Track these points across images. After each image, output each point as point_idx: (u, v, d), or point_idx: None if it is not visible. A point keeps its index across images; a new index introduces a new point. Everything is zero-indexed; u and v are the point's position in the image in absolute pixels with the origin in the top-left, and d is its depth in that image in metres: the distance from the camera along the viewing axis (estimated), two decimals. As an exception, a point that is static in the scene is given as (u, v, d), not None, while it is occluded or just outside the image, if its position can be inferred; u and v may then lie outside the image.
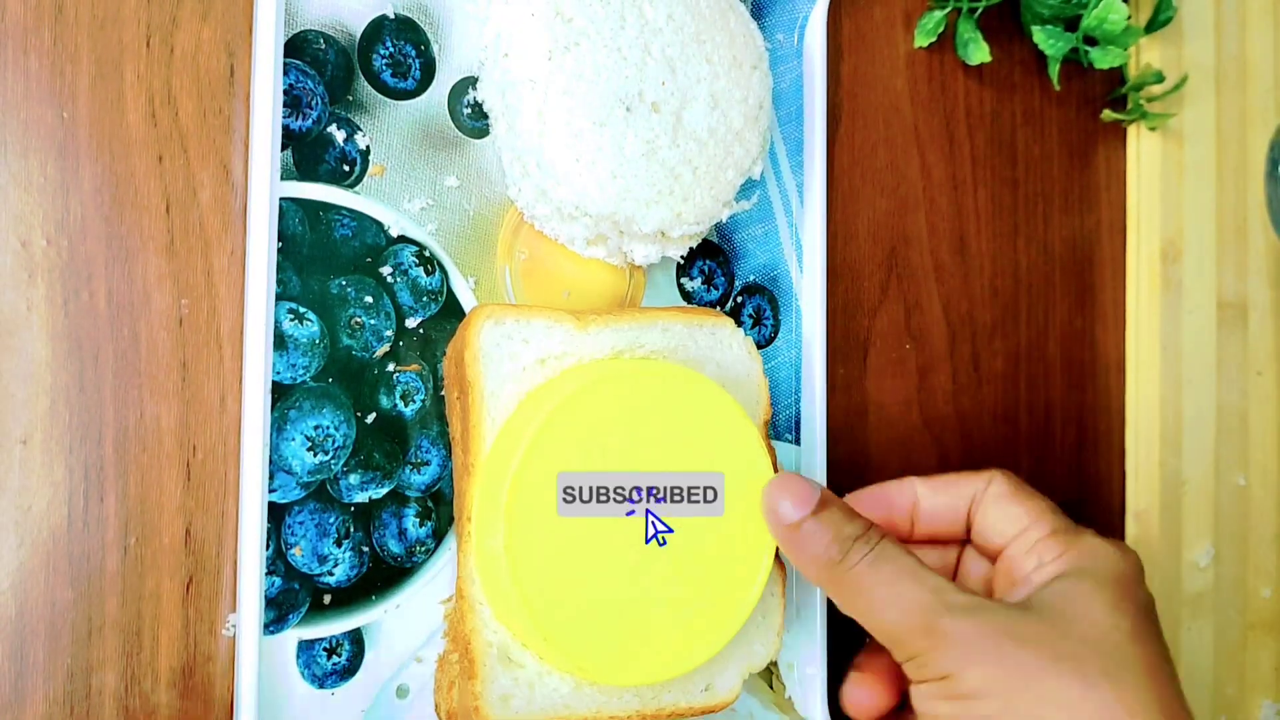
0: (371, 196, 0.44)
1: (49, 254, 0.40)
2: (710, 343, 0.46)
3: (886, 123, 0.57)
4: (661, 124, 0.45)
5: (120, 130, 0.41)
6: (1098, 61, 0.59)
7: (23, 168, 0.40)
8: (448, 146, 0.46)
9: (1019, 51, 0.61)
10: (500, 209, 0.47)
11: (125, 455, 0.41)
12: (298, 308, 0.43)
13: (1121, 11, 0.57)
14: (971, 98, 0.60)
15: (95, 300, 0.41)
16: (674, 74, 0.45)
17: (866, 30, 0.56)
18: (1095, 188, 0.64)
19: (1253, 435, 0.67)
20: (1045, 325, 0.61)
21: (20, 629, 0.40)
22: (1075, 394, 0.62)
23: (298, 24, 0.43)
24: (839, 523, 0.42)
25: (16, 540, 0.40)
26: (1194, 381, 0.64)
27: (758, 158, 0.48)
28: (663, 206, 0.45)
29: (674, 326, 0.45)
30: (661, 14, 0.45)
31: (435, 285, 0.45)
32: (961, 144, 0.59)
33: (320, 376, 0.43)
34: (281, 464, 0.42)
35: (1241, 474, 0.66)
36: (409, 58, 0.45)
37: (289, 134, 0.43)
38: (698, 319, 0.46)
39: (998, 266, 0.60)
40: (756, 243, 0.52)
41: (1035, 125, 0.62)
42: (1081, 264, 0.63)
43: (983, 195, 0.60)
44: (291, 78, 0.43)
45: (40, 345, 0.40)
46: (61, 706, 0.40)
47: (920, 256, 0.58)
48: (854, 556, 0.41)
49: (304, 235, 0.43)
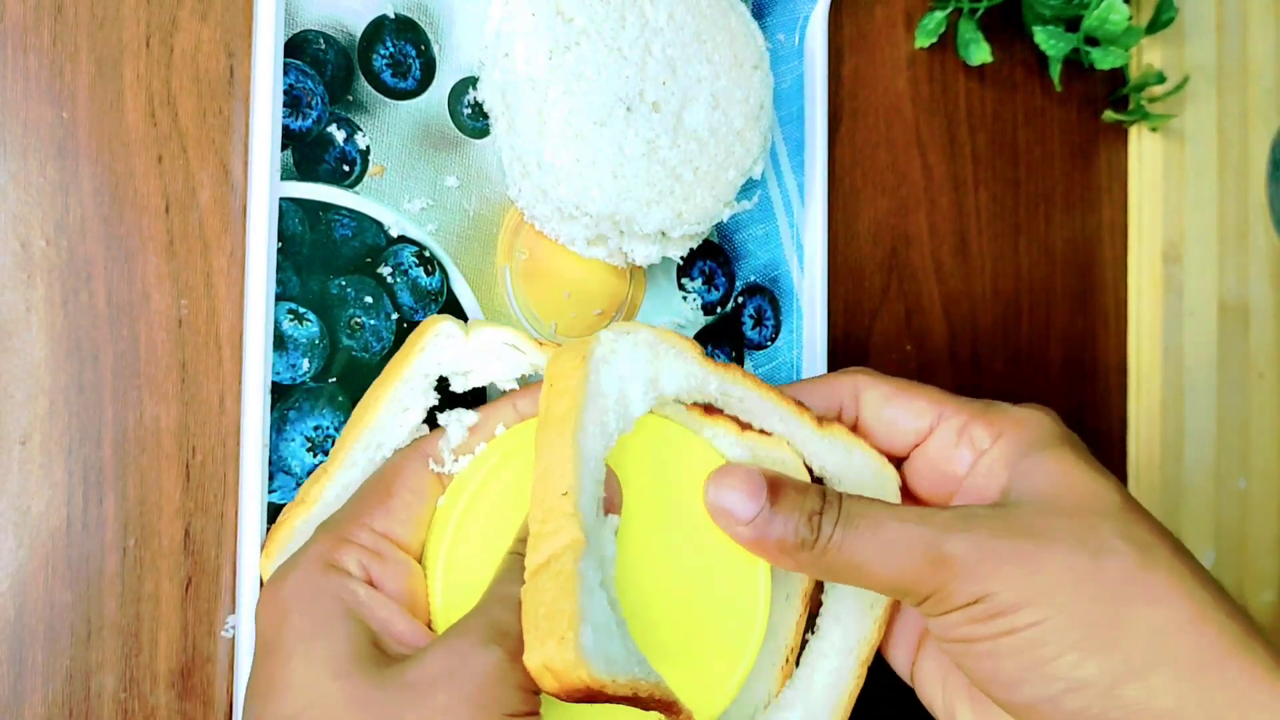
0: (371, 196, 0.44)
1: (48, 254, 0.40)
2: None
3: (888, 123, 0.57)
4: (662, 124, 0.45)
5: (120, 130, 0.41)
6: (1099, 62, 0.59)
7: (22, 168, 0.40)
8: (448, 146, 0.46)
9: (1020, 52, 0.61)
10: (500, 209, 0.47)
11: (124, 456, 0.41)
12: (297, 308, 0.43)
13: (1123, 12, 0.57)
14: (973, 98, 0.60)
15: (95, 301, 0.41)
16: (675, 74, 0.45)
17: (868, 30, 0.56)
18: (1096, 188, 0.64)
19: (1254, 438, 0.67)
20: (1046, 326, 0.61)
21: (19, 630, 0.39)
22: (1076, 396, 0.62)
23: (298, 24, 0.43)
24: (797, 503, 0.38)
25: (15, 541, 0.40)
26: (1195, 383, 0.64)
27: (759, 158, 0.48)
28: (663, 206, 0.45)
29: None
30: (662, 13, 0.45)
31: (435, 285, 0.45)
32: (963, 144, 0.59)
33: (320, 377, 0.43)
34: (281, 465, 0.42)
35: (1242, 477, 0.66)
36: (409, 58, 0.45)
37: (289, 134, 0.43)
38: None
39: (999, 267, 0.60)
40: (757, 243, 0.52)
41: (1036, 126, 0.62)
42: (1082, 265, 0.63)
43: (984, 196, 0.60)
44: (291, 78, 0.43)
45: (39, 346, 0.40)
46: (60, 708, 0.40)
47: (921, 257, 0.57)
48: (826, 529, 0.38)
49: (304, 235, 0.43)
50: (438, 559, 0.38)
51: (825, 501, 0.39)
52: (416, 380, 0.41)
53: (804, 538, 0.38)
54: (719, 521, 0.40)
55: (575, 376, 0.37)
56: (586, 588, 0.34)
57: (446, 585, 0.38)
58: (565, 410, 0.37)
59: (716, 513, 0.40)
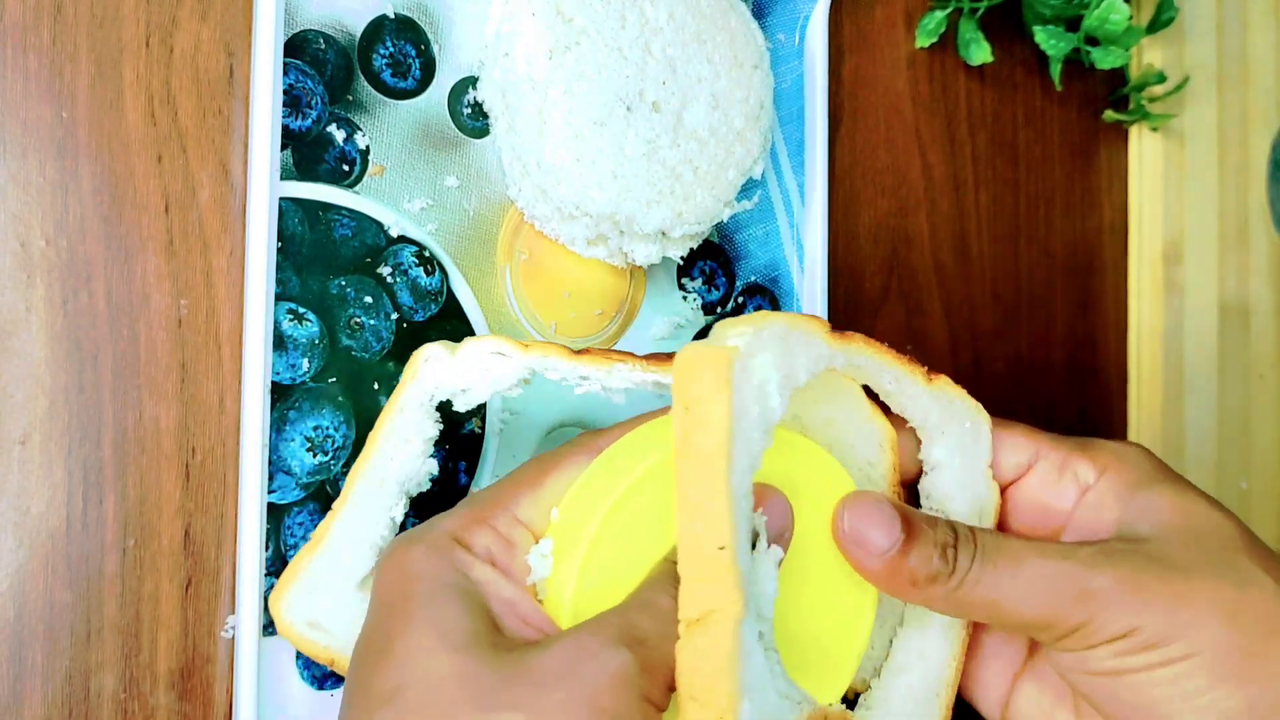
0: (371, 196, 0.44)
1: (48, 254, 0.40)
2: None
3: (888, 123, 0.57)
4: (662, 124, 0.45)
5: (119, 130, 0.41)
6: (1099, 62, 0.59)
7: (22, 168, 0.40)
8: (448, 146, 0.46)
9: (1020, 52, 0.61)
10: (500, 209, 0.46)
11: (124, 456, 0.41)
12: (297, 308, 0.42)
13: (1123, 12, 0.57)
14: (973, 98, 0.59)
15: (94, 301, 0.41)
16: (675, 73, 0.45)
17: (868, 30, 0.56)
18: (1097, 189, 0.64)
19: (1255, 438, 0.67)
20: (1046, 327, 0.61)
21: (19, 631, 0.39)
22: (1076, 396, 0.62)
23: (298, 24, 0.43)
24: (931, 536, 0.38)
25: (15, 542, 0.40)
26: (1195, 383, 0.64)
27: (759, 158, 0.48)
28: (663, 206, 0.44)
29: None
30: (662, 13, 0.45)
31: (435, 285, 0.45)
32: (963, 144, 0.59)
33: (320, 377, 0.43)
34: (281, 465, 0.42)
35: (1243, 477, 0.66)
36: (409, 57, 0.45)
37: (289, 134, 0.43)
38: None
39: (999, 268, 0.60)
40: (757, 243, 0.52)
41: (1037, 126, 0.62)
42: (1083, 265, 0.63)
43: (984, 196, 0.60)
44: (291, 77, 0.43)
45: (39, 346, 0.40)
46: (60, 709, 0.40)
47: (921, 258, 0.57)
48: (963, 564, 0.37)
49: (303, 235, 0.43)
50: (575, 555, 0.36)
51: (958, 536, 0.38)
52: (412, 410, 0.41)
53: (938, 571, 0.37)
54: (850, 551, 0.38)
55: (718, 403, 0.34)
56: (746, 652, 0.32)
57: (581, 582, 0.36)
58: (712, 447, 0.33)
59: (849, 543, 0.38)
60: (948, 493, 0.42)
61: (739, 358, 0.34)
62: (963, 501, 0.42)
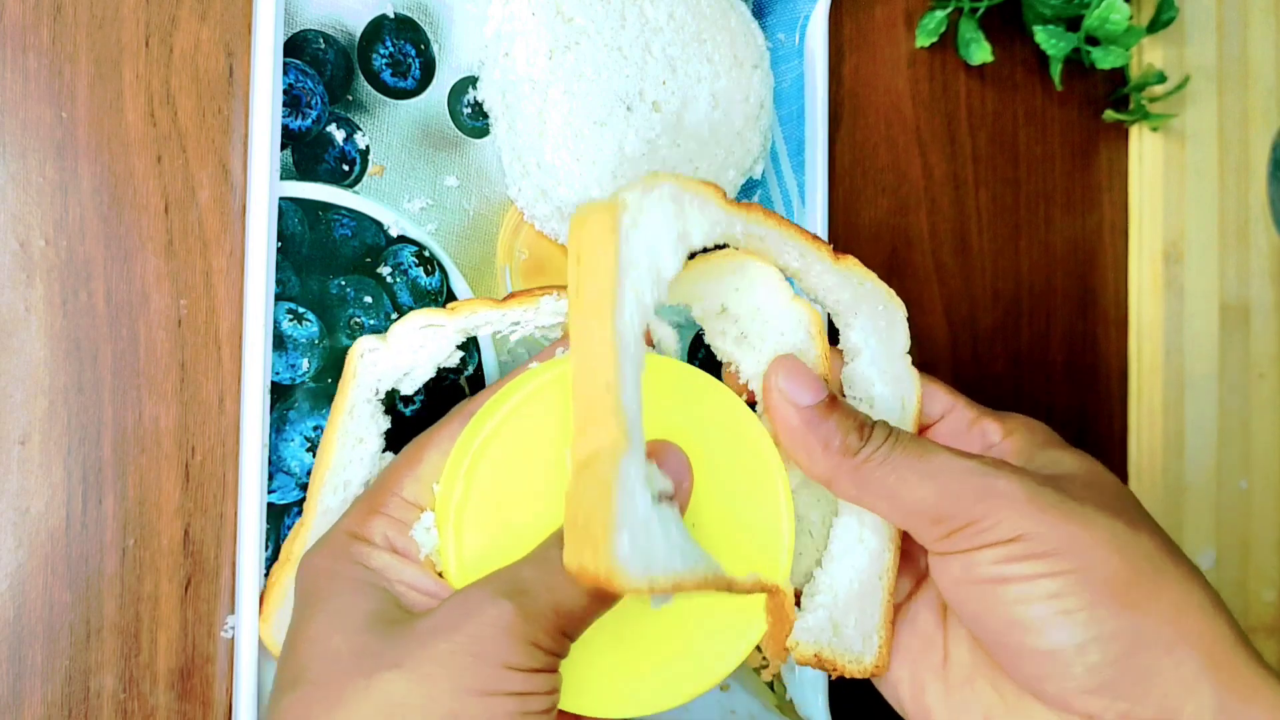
0: (371, 196, 0.44)
1: (47, 254, 0.40)
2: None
3: (888, 123, 0.57)
4: (662, 123, 0.45)
5: (119, 130, 0.41)
6: (1100, 62, 0.59)
7: (21, 168, 0.40)
8: (448, 146, 0.46)
9: (1021, 51, 0.61)
10: (500, 209, 0.46)
11: (124, 456, 0.41)
12: (297, 308, 0.42)
13: (1123, 11, 0.57)
14: (973, 98, 0.59)
15: (94, 301, 0.41)
16: (675, 73, 0.45)
17: (868, 30, 0.56)
18: (1097, 188, 0.64)
19: (1255, 438, 0.67)
20: (1046, 327, 0.61)
21: (18, 631, 0.39)
22: (1077, 396, 0.62)
23: (297, 24, 0.43)
24: (850, 412, 0.39)
25: (15, 541, 0.40)
26: (1196, 383, 0.64)
27: (759, 157, 0.48)
28: (663, 206, 0.44)
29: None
30: (662, 13, 0.45)
31: (435, 285, 0.45)
32: (963, 144, 0.59)
33: (320, 377, 0.43)
34: (280, 465, 0.42)
35: (1244, 477, 0.66)
36: (409, 57, 0.45)
37: (288, 134, 0.43)
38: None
39: (999, 267, 0.60)
40: (757, 243, 0.52)
41: (1037, 125, 0.62)
42: (1083, 265, 0.63)
43: (984, 196, 0.60)
44: (291, 77, 0.43)
45: (39, 346, 0.40)
46: (60, 709, 0.40)
47: (921, 257, 0.57)
48: (876, 440, 0.38)
49: (303, 235, 0.43)
50: (450, 519, 0.38)
51: (876, 423, 0.39)
52: (360, 408, 0.41)
53: (849, 443, 0.38)
54: (772, 401, 0.40)
55: (605, 249, 0.35)
56: (626, 490, 0.33)
57: (460, 543, 0.37)
58: (600, 291, 0.35)
59: (775, 393, 0.40)
60: (868, 377, 0.43)
61: (626, 209, 0.35)
62: (884, 386, 0.43)
